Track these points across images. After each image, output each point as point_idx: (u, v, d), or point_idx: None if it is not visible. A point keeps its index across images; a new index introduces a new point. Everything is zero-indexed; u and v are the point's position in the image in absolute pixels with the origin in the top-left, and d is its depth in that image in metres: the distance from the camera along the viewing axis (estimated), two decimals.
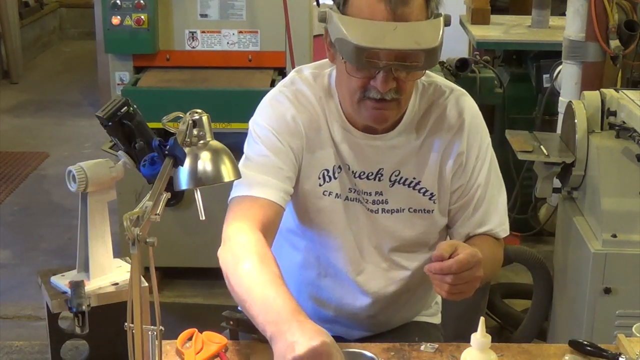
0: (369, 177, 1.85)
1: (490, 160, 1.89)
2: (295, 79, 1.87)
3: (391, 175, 1.85)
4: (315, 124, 1.84)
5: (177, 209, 3.62)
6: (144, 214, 1.34)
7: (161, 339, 1.40)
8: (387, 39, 1.62)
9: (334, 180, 1.85)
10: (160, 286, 3.70)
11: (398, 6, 1.63)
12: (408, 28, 1.64)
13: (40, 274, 1.72)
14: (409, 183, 1.86)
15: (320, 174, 1.85)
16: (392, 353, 1.74)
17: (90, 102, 6.70)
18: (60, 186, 4.39)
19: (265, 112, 1.86)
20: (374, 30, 1.63)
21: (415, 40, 1.63)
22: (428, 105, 1.86)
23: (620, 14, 3.28)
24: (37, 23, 8.42)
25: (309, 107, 1.84)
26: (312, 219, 1.88)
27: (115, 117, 1.59)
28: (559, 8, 4.65)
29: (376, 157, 1.84)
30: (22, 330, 3.51)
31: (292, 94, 1.85)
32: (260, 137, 1.83)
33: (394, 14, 1.64)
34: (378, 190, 1.85)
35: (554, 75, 3.69)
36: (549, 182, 2.89)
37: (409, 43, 1.63)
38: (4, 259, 4.23)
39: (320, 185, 1.85)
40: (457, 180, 1.87)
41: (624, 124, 2.67)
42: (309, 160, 1.84)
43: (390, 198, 1.86)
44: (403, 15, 1.64)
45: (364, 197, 1.86)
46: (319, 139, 1.84)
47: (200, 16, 3.71)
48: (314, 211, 1.87)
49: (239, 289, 1.63)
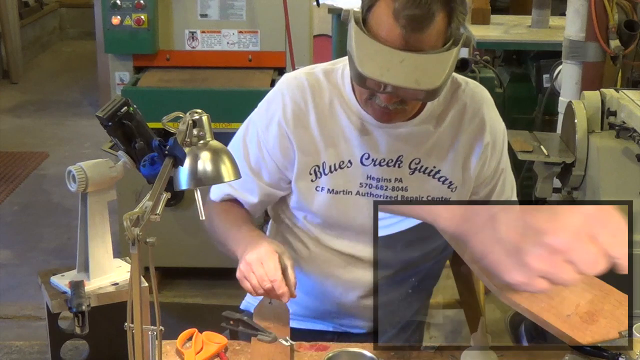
0: (388, 164, 1.88)
1: (506, 151, 1.98)
2: (302, 80, 1.90)
3: (411, 163, 1.89)
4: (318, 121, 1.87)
5: (177, 209, 3.62)
6: (144, 214, 1.34)
7: (161, 339, 1.40)
8: (391, 73, 1.63)
9: (329, 175, 1.88)
10: (160, 286, 3.73)
11: (413, 34, 1.63)
12: (415, 62, 1.64)
13: (40, 274, 1.72)
14: (430, 172, 1.90)
15: (311, 170, 1.89)
16: (392, 353, 1.74)
17: (90, 102, 6.70)
18: (60, 186, 4.40)
19: (258, 114, 1.94)
20: (380, 60, 1.64)
21: (416, 78, 1.64)
22: (448, 96, 1.90)
23: (620, 14, 3.28)
24: (37, 23, 8.42)
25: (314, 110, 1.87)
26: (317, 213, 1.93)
27: (115, 117, 1.59)
28: (559, 8, 4.65)
29: (396, 145, 1.87)
30: (22, 330, 3.51)
31: (293, 104, 1.88)
32: (247, 140, 1.94)
33: (407, 42, 1.64)
34: (397, 177, 1.88)
35: (554, 75, 3.69)
36: (549, 182, 2.89)
37: (409, 81, 1.64)
38: (4, 259, 4.23)
39: (312, 181, 1.89)
40: (484, 171, 1.93)
41: (624, 124, 2.67)
42: (302, 160, 1.88)
43: (410, 185, 1.89)
44: (416, 44, 1.64)
45: (383, 185, 1.88)
46: (322, 137, 1.87)
47: (200, 16, 3.71)
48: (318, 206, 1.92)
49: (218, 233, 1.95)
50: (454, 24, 1.68)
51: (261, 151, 1.92)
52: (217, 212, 1.98)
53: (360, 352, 1.69)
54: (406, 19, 1.62)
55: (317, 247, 1.96)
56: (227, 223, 1.95)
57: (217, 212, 1.98)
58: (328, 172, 1.88)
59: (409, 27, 1.63)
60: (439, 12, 1.64)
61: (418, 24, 1.62)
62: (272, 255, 1.76)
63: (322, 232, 1.95)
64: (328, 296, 1.98)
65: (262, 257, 1.75)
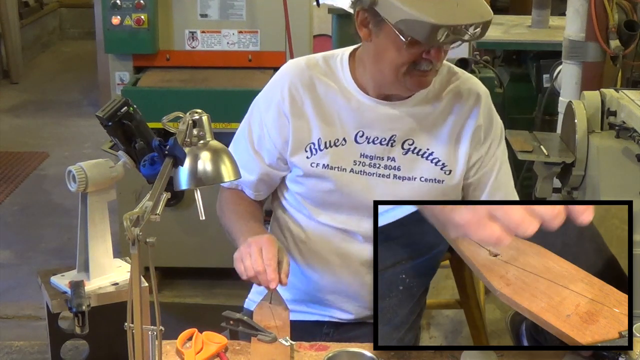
0: (381, 142, 1.94)
1: (504, 148, 2.04)
2: (301, 63, 2.01)
3: (404, 143, 1.95)
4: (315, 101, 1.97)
5: (177, 209, 3.62)
6: (144, 214, 1.34)
7: (161, 339, 1.41)
8: (458, 15, 1.74)
9: (324, 151, 1.95)
10: (160, 286, 3.73)
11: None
12: (466, 2, 1.77)
13: (40, 274, 1.72)
14: (423, 153, 1.95)
15: (307, 147, 1.96)
16: (392, 353, 1.74)
17: (90, 102, 6.70)
18: (60, 186, 4.41)
19: (257, 102, 2.04)
20: (441, 8, 1.74)
21: (479, 13, 1.77)
22: (443, 81, 1.98)
23: (620, 14, 3.28)
24: (37, 23, 8.43)
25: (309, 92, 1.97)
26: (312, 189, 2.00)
27: (115, 117, 1.59)
28: (559, 8, 4.65)
29: (390, 124, 1.94)
30: (22, 330, 3.51)
31: (290, 84, 1.97)
32: (251, 122, 2.03)
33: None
34: (390, 156, 1.95)
35: (554, 75, 3.68)
36: (549, 182, 2.89)
37: (475, 17, 1.76)
38: (4, 259, 4.23)
39: (308, 158, 1.96)
40: (476, 153, 1.98)
41: (624, 124, 2.67)
42: (298, 138, 1.97)
43: (403, 165, 1.95)
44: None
45: (376, 163, 1.95)
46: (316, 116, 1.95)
47: (200, 16, 3.71)
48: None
49: (227, 223, 2.05)
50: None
51: (262, 132, 2.00)
52: (227, 202, 2.08)
53: (360, 352, 1.69)
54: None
55: (312, 224, 2.01)
56: (236, 215, 2.04)
57: (227, 202, 2.08)
58: (323, 148, 1.95)
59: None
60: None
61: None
62: (272, 244, 1.84)
63: (316, 208, 2.00)
64: (323, 275, 2.01)
65: (263, 243, 1.84)
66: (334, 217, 1.99)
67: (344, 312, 2.04)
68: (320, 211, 2.00)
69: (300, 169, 1.98)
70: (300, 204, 2.03)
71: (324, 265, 2.01)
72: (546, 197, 2.90)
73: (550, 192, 2.96)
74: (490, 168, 2.00)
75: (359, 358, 1.69)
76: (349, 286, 2.01)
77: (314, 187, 1.98)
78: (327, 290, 2.03)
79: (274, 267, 1.80)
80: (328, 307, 2.05)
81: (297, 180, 2.00)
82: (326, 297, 2.03)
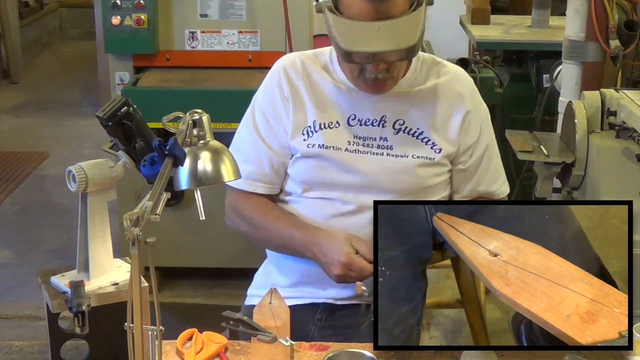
0: (373, 123, 2.03)
1: (491, 129, 2.14)
2: (294, 56, 2.11)
3: (395, 124, 2.04)
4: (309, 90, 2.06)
5: (177, 209, 3.62)
6: (144, 214, 1.34)
7: (161, 339, 1.41)
8: (370, 42, 1.84)
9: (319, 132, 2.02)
10: (160, 286, 3.73)
11: (381, 5, 1.84)
12: (389, 28, 1.85)
13: (40, 274, 1.72)
14: (413, 133, 2.04)
15: (304, 130, 2.04)
16: (392, 353, 1.74)
17: (90, 102, 6.70)
18: (60, 186, 4.40)
19: (256, 98, 2.12)
20: (358, 33, 1.86)
21: (395, 41, 1.85)
22: (430, 67, 2.09)
23: (620, 14, 3.28)
24: (37, 23, 8.43)
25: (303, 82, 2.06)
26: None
27: (115, 117, 1.59)
28: (559, 8, 4.64)
29: (380, 106, 2.03)
30: (22, 330, 3.51)
31: (287, 71, 2.07)
32: (256, 115, 2.09)
33: (377, 13, 1.84)
34: (382, 136, 2.03)
35: (554, 75, 3.68)
36: (549, 182, 2.89)
37: (389, 44, 1.85)
38: (4, 259, 4.23)
39: (304, 140, 2.03)
40: (467, 138, 2.06)
41: (624, 124, 2.66)
42: (296, 121, 2.04)
43: (395, 144, 2.03)
44: (385, 12, 1.84)
45: (369, 143, 2.03)
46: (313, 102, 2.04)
47: (200, 16, 3.71)
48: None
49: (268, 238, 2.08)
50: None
51: (268, 122, 2.07)
52: (254, 213, 2.08)
53: (360, 352, 1.69)
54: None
55: (307, 200, 2.05)
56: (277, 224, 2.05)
57: (255, 214, 2.08)
58: (318, 129, 2.03)
59: (374, 1, 1.83)
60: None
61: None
62: (348, 253, 1.89)
63: (310, 188, 2.04)
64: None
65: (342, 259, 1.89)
66: (326, 193, 2.04)
67: (342, 290, 2.03)
68: (314, 190, 2.04)
69: (299, 151, 2.04)
70: (295, 183, 2.06)
71: None
72: (546, 197, 2.90)
73: (550, 192, 2.96)
74: (481, 156, 2.09)
75: (359, 358, 1.69)
76: None
77: (310, 166, 2.03)
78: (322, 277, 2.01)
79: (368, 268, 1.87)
80: (324, 288, 2.04)
81: (294, 163, 2.06)
82: (323, 278, 2.02)
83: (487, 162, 2.11)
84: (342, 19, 1.87)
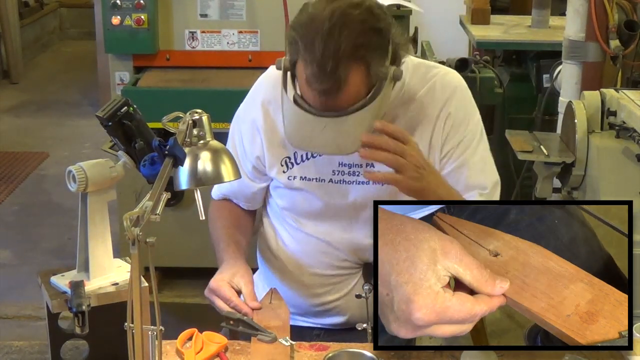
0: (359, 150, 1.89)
1: (480, 133, 1.95)
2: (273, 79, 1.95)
3: None
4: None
5: (177, 209, 3.62)
6: (144, 214, 1.34)
7: (161, 339, 1.41)
8: (313, 141, 1.75)
9: (300, 165, 1.94)
10: (160, 286, 3.73)
11: (329, 99, 1.70)
12: (336, 128, 1.71)
13: (40, 274, 1.72)
14: None
15: (282, 161, 1.96)
16: (392, 353, 1.74)
17: (90, 102, 6.70)
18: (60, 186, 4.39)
19: (238, 114, 2.07)
20: (304, 128, 1.75)
21: (338, 145, 1.74)
22: (418, 80, 1.93)
23: (620, 14, 3.28)
24: (37, 23, 8.43)
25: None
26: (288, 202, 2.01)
27: (115, 117, 1.59)
28: (559, 8, 4.64)
29: None
30: (22, 330, 3.51)
31: (264, 98, 1.99)
32: (235, 136, 2.06)
33: (325, 105, 1.71)
34: (369, 162, 1.89)
35: (554, 75, 3.68)
36: (549, 182, 2.89)
37: (331, 148, 1.75)
38: (4, 259, 4.23)
39: (284, 172, 1.96)
40: (447, 143, 1.91)
41: (624, 124, 2.66)
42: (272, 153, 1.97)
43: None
44: (335, 106, 1.71)
45: (355, 170, 1.92)
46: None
47: (200, 16, 3.71)
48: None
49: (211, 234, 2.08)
50: (374, 68, 1.71)
51: (242, 145, 2.02)
52: (213, 216, 2.09)
53: (360, 352, 1.69)
54: (317, 90, 1.69)
55: (298, 234, 2.00)
56: (218, 232, 2.06)
57: (213, 217, 2.08)
58: (300, 161, 1.94)
59: (323, 95, 1.70)
60: (351, 71, 1.68)
61: (331, 93, 1.69)
62: (221, 285, 1.86)
63: (300, 219, 1.99)
64: (310, 289, 2.01)
65: (213, 288, 1.87)
66: (317, 227, 1.98)
67: (337, 317, 2.04)
68: (306, 222, 1.99)
69: (280, 182, 1.98)
70: (284, 218, 2.02)
71: (307, 278, 2.01)
72: (546, 197, 2.90)
73: (550, 192, 2.96)
74: (458, 165, 1.92)
75: (359, 358, 1.69)
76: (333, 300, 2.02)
77: (296, 199, 1.97)
78: (318, 303, 2.03)
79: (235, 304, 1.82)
80: (320, 317, 2.05)
81: (280, 194, 2.01)
82: (318, 308, 2.04)
83: (469, 169, 1.93)
84: (293, 108, 1.75)
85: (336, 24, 1.67)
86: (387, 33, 1.73)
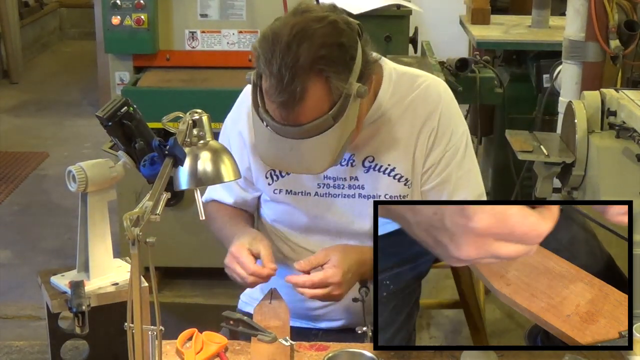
0: (341, 163, 1.89)
1: (465, 145, 1.93)
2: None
3: (364, 161, 1.91)
4: None
5: (177, 209, 3.62)
6: (144, 214, 1.34)
7: (161, 339, 1.41)
8: (284, 161, 1.77)
9: (285, 177, 1.94)
10: (160, 286, 3.73)
11: (289, 112, 1.68)
12: (303, 149, 1.71)
13: (40, 274, 1.72)
14: (384, 170, 1.91)
15: (267, 173, 1.96)
16: (392, 353, 1.74)
17: (90, 102, 6.70)
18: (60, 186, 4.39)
19: (226, 124, 2.06)
20: (274, 149, 1.76)
21: (306, 166, 1.76)
22: (402, 92, 1.90)
23: (620, 14, 3.28)
24: (37, 23, 8.42)
25: None
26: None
27: (115, 117, 1.59)
28: (559, 8, 4.64)
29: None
30: (22, 330, 3.51)
31: (249, 110, 1.90)
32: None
33: (286, 118, 1.69)
34: (353, 175, 1.91)
35: (554, 75, 3.68)
36: (549, 182, 2.89)
37: (300, 168, 1.79)
38: (4, 259, 4.23)
39: (269, 185, 1.96)
40: (429, 158, 1.90)
41: (624, 124, 2.66)
42: (257, 165, 1.96)
43: (366, 184, 1.91)
44: (296, 119, 1.69)
45: (340, 184, 1.91)
46: None
47: (200, 16, 3.71)
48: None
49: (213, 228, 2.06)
50: (334, 83, 1.68)
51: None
52: (212, 212, 2.07)
53: (360, 352, 1.69)
54: (276, 103, 1.68)
55: (289, 244, 2.01)
56: (219, 221, 2.05)
57: (212, 212, 2.07)
58: (285, 174, 1.94)
59: (283, 108, 1.68)
60: (309, 83, 1.66)
61: (290, 106, 1.67)
62: (242, 250, 1.85)
63: (289, 231, 2.00)
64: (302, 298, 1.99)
65: (235, 254, 1.86)
66: (307, 239, 1.98)
67: (333, 322, 2.04)
68: (296, 234, 1.99)
69: (267, 194, 1.99)
70: (276, 228, 2.03)
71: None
72: (546, 197, 2.90)
73: (550, 192, 2.96)
74: (440, 182, 1.92)
75: (359, 358, 1.69)
76: (325, 305, 2.01)
77: (284, 213, 1.98)
78: (315, 307, 2.02)
79: (254, 270, 1.82)
80: (317, 321, 2.06)
81: (269, 207, 2.01)
82: (314, 312, 2.04)
83: (453, 187, 1.92)
84: (262, 127, 1.75)
85: (296, 37, 1.65)
86: (350, 49, 1.70)
